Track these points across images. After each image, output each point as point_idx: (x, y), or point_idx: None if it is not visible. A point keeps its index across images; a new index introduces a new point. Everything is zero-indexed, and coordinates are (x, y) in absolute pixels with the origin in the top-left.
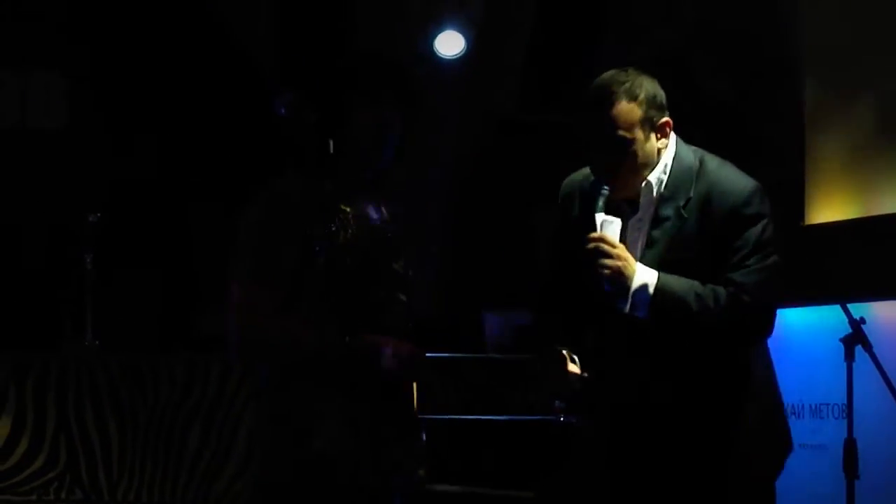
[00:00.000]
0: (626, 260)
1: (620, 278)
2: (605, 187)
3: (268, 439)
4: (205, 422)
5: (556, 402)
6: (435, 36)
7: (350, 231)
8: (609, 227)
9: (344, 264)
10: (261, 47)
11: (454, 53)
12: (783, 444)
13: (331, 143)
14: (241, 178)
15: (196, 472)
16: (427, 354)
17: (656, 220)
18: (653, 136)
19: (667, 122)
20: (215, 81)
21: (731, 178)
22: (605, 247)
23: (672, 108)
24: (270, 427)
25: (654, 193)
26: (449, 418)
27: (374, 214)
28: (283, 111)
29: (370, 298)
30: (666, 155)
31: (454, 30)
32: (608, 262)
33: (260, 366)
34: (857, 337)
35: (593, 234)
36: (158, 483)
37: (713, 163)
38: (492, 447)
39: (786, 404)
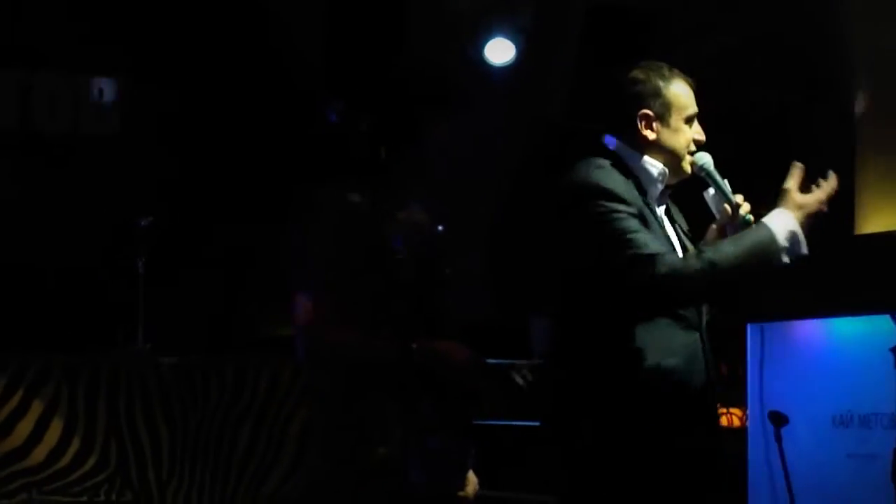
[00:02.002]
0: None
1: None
2: (708, 155)
3: (329, 444)
4: (254, 424)
5: None
6: (485, 43)
7: (409, 239)
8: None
9: (404, 272)
10: (311, 55)
11: (503, 61)
12: None
13: (382, 150)
14: (291, 182)
15: (245, 474)
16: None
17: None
18: None
19: None
20: (266, 88)
21: None
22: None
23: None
24: (333, 432)
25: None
26: (497, 424)
27: (426, 221)
28: (334, 118)
29: (427, 305)
30: None
31: (504, 37)
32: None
33: (323, 373)
34: None
35: (740, 199)
36: (208, 485)
37: None
38: (539, 452)
39: (835, 414)
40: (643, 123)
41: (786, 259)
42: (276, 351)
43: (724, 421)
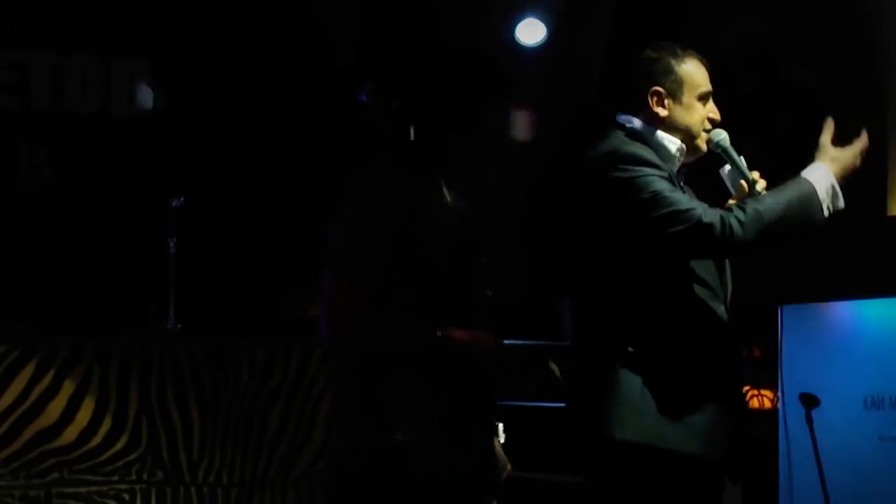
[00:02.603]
0: None
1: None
2: (725, 133)
3: (349, 426)
4: (285, 404)
5: None
6: (516, 24)
7: (442, 224)
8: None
9: (435, 258)
10: (343, 34)
11: (535, 41)
12: None
13: (412, 130)
14: (324, 163)
15: (276, 454)
16: (506, 342)
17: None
18: None
19: None
20: (298, 69)
21: None
22: None
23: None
24: (352, 415)
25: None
26: (527, 405)
27: (462, 206)
28: (364, 98)
29: (458, 293)
30: None
31: (535, 18)
32: None
33: (346, 354)
34: None
35: (756, 176)
36: (239, 464)
37: None
38: (541, 433)
39: (866, 396)
40: (654, 100)
41: (826, 212)
42: (307, 332)
43: (754, 403)
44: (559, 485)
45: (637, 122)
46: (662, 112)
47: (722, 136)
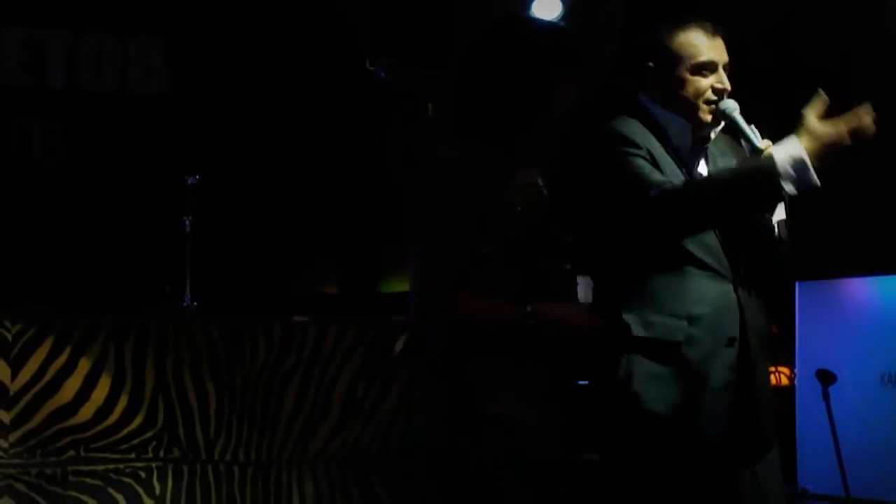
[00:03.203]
0: None
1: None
2: (736, 104)
3: (439, 407)
4: (301, 382)
5: None
6: (533, 1)
7: (525, 201)
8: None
9: (520, 234)
10: (358, 10)
11: (552, 17)
12: None
13: (430, 106)
14: (339, 138)
15: (292, 432)
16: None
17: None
18: None
19: None
20: (313, 45)
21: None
22: None
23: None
24: (444, 395)
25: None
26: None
27: (540, 182)
28: (382, 75)
29: (542, 268)
30: None
31: None
32: None
33: (436, 335)
34: None
35: (767, 144)
36: (255, 442)
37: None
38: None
39: (883, 373)
40: (651, 77)
41: (790, 188)
42: (323, 309)
43: (772, 379)
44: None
45: (646, 99)
46: (656, 88)
47: (727, 104)
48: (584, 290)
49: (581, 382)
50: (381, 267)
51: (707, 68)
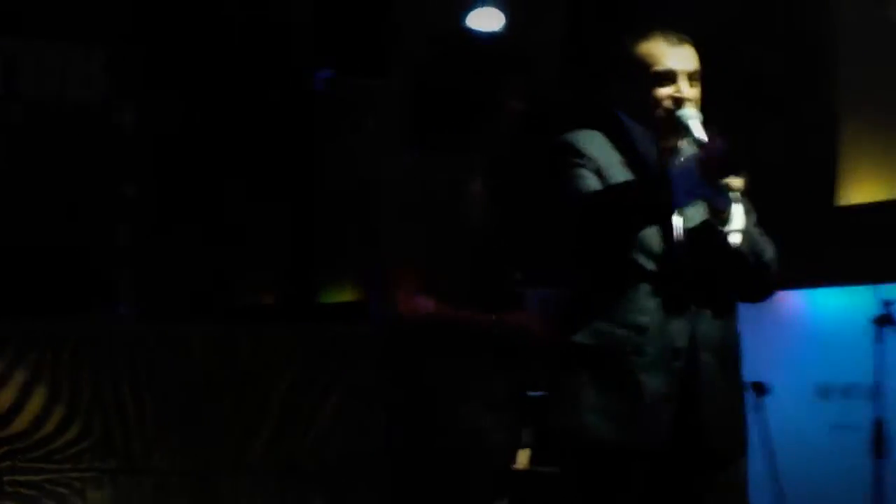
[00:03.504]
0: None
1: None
2: (694, 112)
3: (402, 413)
4: (238, 391)
5: None
6: (473, 11)
7: (478, 209)
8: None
9: (476, 243)
10: (297, 21)
11: (493, 29)
12: None
13: (369, 118)
14: (276, 150)
15: (230, 441)
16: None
17: None
18: None
19: None
20: (253, 54)
21: None
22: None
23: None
24: (406, 401)
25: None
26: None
27: (489, 192)
28: (320, 86)
29: (495, 277)
30: None
31: (491, 5)
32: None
33: (400, 341)
34: (887, 318)
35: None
36: (192, 451)
37: None
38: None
39: (817, 384)
40: (615, 87)
41: (682, 200)
42: (261, 318)
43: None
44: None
45: (619, 110)
46: (621, 98)
47: (685, 112)
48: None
49: (538, 393)
50: (319, 276)
51: (667, 77)
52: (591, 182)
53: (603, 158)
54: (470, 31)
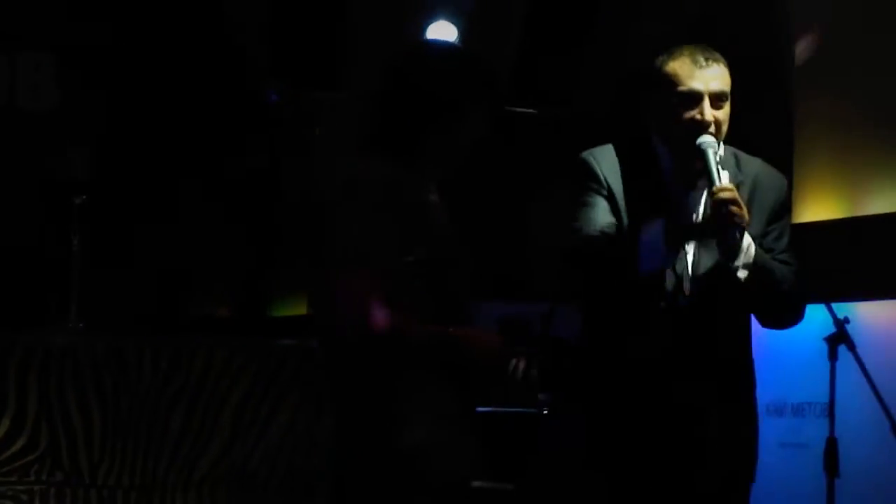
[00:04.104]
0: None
1: (741, 229)
2: (713, 141)
3: (355, 426)
4: (188, 406)
5: (542, 395)
6: (426, 25)
7: (434, 223)
8: (725, 177)
9: (429, 257)
10: (252, 34)
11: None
12: None
13: (320, 130)
14: (231, 161)
15: (178, 456)
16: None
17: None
18: None
19: None
20: (207, 66)
21: (770, 168)
22: (738, 196)
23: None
24: (359, 414)
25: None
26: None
27: (444, 205)
28: (272, 98)
29: (449, 291)
30: None
31: (445, 19)
32: (737, 210)
33: (354, 353)
34: (840, 337)
35: (725, 185)
36: (140, 466)
37: (743, 153)
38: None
39: (769, 402)
40: (644, 103)
41: (647, 266)
42: (214, 331)
43: None
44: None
45: (649, 127)
46: (648, 115)
47: (705, 140)
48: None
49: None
50: (273, 290)
51: (691, 98)
52: (598, 214)
53: (616, 183)
54: (431, 42)
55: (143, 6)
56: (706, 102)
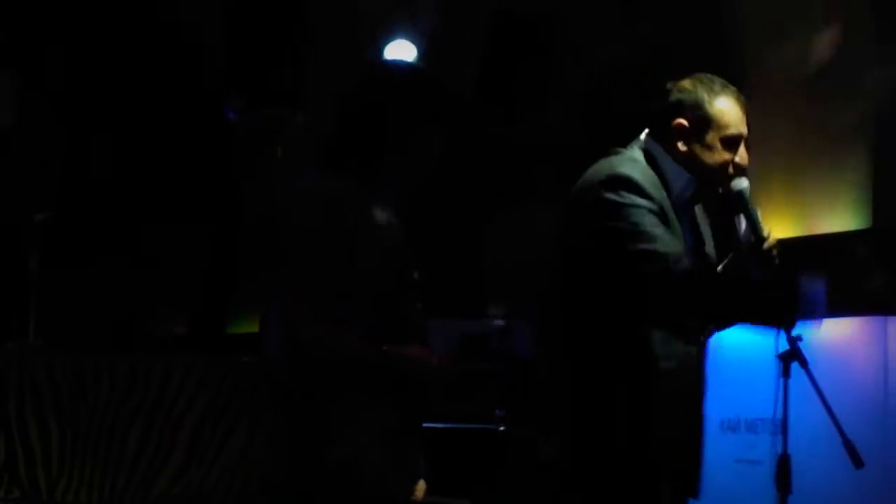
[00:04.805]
0: None
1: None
2: (747, 185)
3: (292, 443)
4: (145, 423)
5: (497, 412)
6: (387, 44)
7: (381, 240)
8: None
9: (375, 273)
10: (210, 52)
11: (408, 60)
12: None
13: (279, 148)
14: (191, 180)
15: (136, 473)
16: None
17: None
18: None
19: None
20: (167, 84)
21: None
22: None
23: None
24: (297, 431)
25: None
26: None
27: (395, 222)
28: (232, 115)
29: (399, 308)
30: None
31: (405, 39)
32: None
33: (293, 370)
34: (793, 354)
35: (770, 233)
36: (98, 482)
37: None
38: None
39: (723, 419)
40: (676, 133)
41: (800, 317)
42: (172, 349)
43: None
44: None
45: (656, 147)
46: (682, 146)
47: (744, 185)
48: (440, 332)
49: (433, 425)
50: (231, 307)
51: (736, 141)
52: (675, 243)
53: (662, 200)
54: (387, 61)
55: (99, 25)
56: (743, 146)
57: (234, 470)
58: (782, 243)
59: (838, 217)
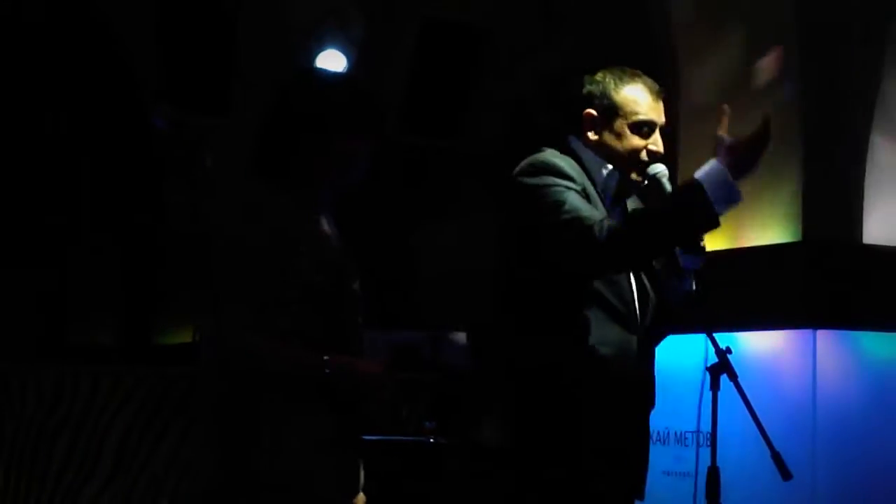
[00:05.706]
0: None
1: None
2: (665, 169)
3: (229, 454)
4: (72, 434)
5: (427, 423)
6: (316, 53)
7: (322, 250)
8: None
9: (316, 284)
10: (140, 60)
11: (338, 69)
12: None
13: (208, 157)
14: (116, 184)
15: (61, 485)
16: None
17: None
18: None
19: None
20: (93, 92)
21: None
22: None
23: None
24: (233, 442)
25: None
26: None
27: (335, 233)
28: (160, 124)
29: (338, 318)
30: None
31: (335, 48)
32: None
33: (227, 378)
34: (723, 366)
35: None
36: (23, 495)
37: None
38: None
39: (652, 431)
40: (587, 124)
41: (721, 208)
42: (98, 359)
43: None
44: None
45: (576, 142)
46: (592, 136)
47: (659, 169)
48: (370, 343)
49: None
50: (158, 317)
51: (645, 127)
52: (595, 211)
53: (580, 181)
54: (314, 70)
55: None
56: (657, 133)
57: (161, 483)
58: (712, 255)
59: (768, 230)
